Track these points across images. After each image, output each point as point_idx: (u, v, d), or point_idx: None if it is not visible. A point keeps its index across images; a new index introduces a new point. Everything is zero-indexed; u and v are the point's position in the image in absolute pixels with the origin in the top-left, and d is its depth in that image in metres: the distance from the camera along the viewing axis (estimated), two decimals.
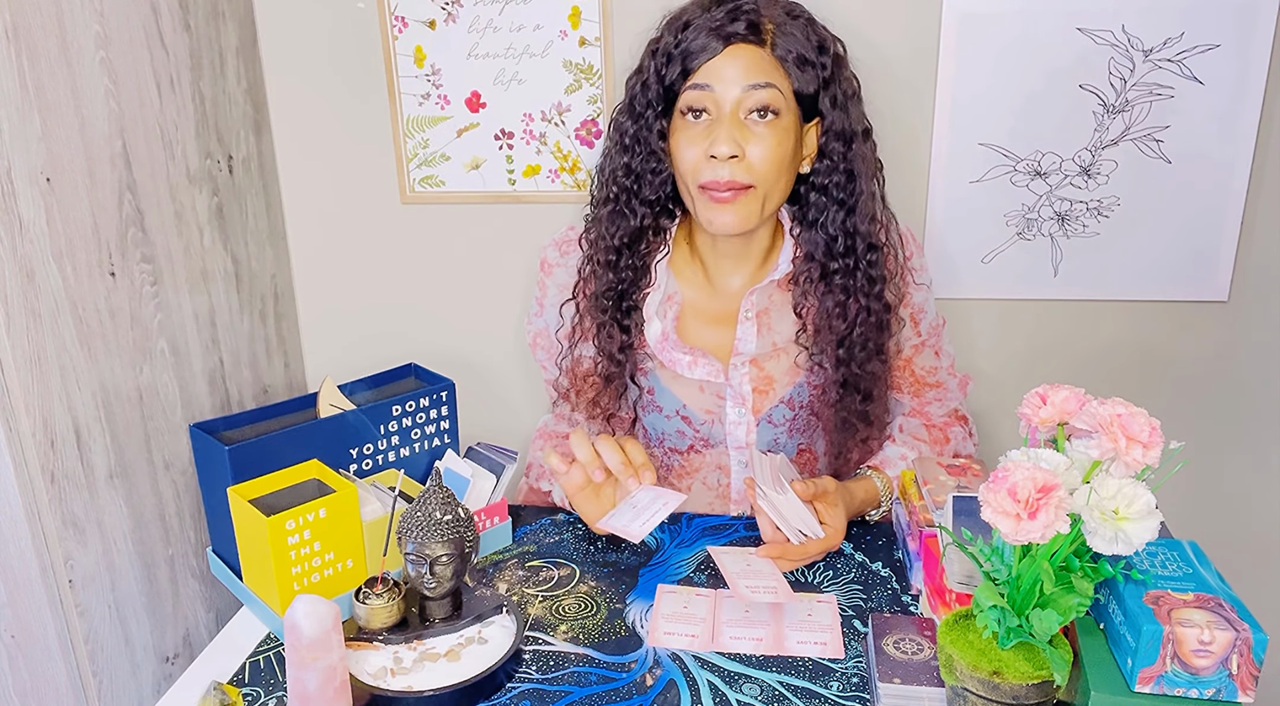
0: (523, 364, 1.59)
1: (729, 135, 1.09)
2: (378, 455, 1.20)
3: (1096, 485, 0.74)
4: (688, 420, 1.26)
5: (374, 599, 0.99)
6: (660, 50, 1.13)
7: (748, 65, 1.09)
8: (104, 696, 1.13)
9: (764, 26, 1.10)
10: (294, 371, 1.61)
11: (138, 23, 1.17)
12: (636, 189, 1.19)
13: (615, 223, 1.20)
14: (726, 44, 1.09)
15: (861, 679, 0.95)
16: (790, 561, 1.08)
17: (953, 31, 1.33)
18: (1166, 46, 1.30)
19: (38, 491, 1.04)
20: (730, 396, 1.24)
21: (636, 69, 1.17)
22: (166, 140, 1.24)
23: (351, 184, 1.52)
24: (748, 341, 1.23)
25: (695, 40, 1.10)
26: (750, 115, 1.10)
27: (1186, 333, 1.44)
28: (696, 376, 1.23)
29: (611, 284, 1.21)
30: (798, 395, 1.25)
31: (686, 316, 1.26)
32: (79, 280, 1.09)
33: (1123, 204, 1.38)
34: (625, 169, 1.18)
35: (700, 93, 1.11)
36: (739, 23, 1.09)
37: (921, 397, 1.31)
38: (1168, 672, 0.77)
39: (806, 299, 1.20)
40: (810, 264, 1.19)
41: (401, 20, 1.41)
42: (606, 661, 0.99)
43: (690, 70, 1.10)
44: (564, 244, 1.29)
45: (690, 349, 1.23)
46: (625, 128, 1.18)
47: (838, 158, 1.14)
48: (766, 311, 1.24)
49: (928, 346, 1.29)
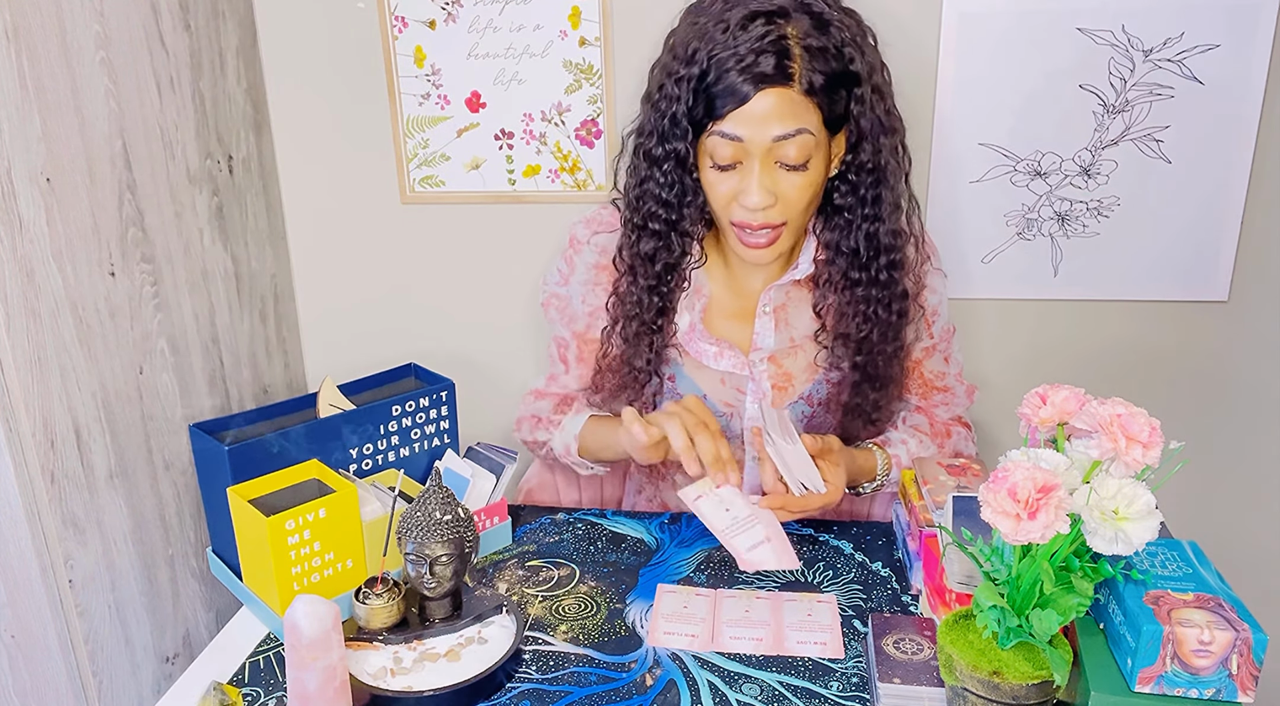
0: (523, 364, 1.59)
1: (761, 186, 1.07)
2: (378, 455, 1.20)
3: (1096, 485, 0.74)
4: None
5: (374, 599, 0.99)
6: (685, 80, 1.07)
7: (778, 111, 1.04)
8: (104, 696, 1.13)
9: (793, 60, 1.03)
10: (294, 371, 1.61)
11: (138, 23, 1.17)
12: (675, 220, 1.16)
13: (654, 251, 1.18)
14: (756, 88, 1.03)
15: (861, 679, 0.95)
16: (789, 513, 1.07)
17: (953, 31, 1.33)
18: (1166, 46, 1.30)
19: (38, 491, 1.04)
20: (751, 391, 1.24)
21: (658, 96, 1.11)
22: (166, 140, 1.24)
23: (351, 184, 1.52)
24: (765, 336, 1.23)
25: (722, 83, 1.04)
26: (780, 162, 1.07)
27: (1186, 333, 1.44)
28: (721, 367, 1.23)
29: (650, 301, 1.21)
30: (816, 392, 1.25)
31: (711, 309, 1.26)
32: (79, 280, 1.09)
33: (1123, 204, 1.38)
34: (659, 201, 1.15)
35: (730, 144, 1.06)
36: (767, 58, 1.02)
37: (929, 401, 1.31)
38: (1168, 672, 0.77)
39: (826, 299, 1.20)
40: (832, 266, 1.18)
41: (401, 20, 1.41)
42: (606, 661, 0.99)
43: (719, 115, 1.06)
44: (594, 221, 1.28)
45: (717, 340, 1.24)
46: (655, 156, 1.13)
47: (866, 158, 1.12)
48: (784, 307, 1.24)
49: (938, 350, 1.29)
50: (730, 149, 1.07)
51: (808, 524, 1.23)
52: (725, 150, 1.07)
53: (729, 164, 1.08)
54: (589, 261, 1.28)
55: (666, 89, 1.10)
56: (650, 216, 1.16)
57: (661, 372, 1.26)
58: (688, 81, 1.07)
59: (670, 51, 1.12)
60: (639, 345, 1.22)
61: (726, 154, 1.08)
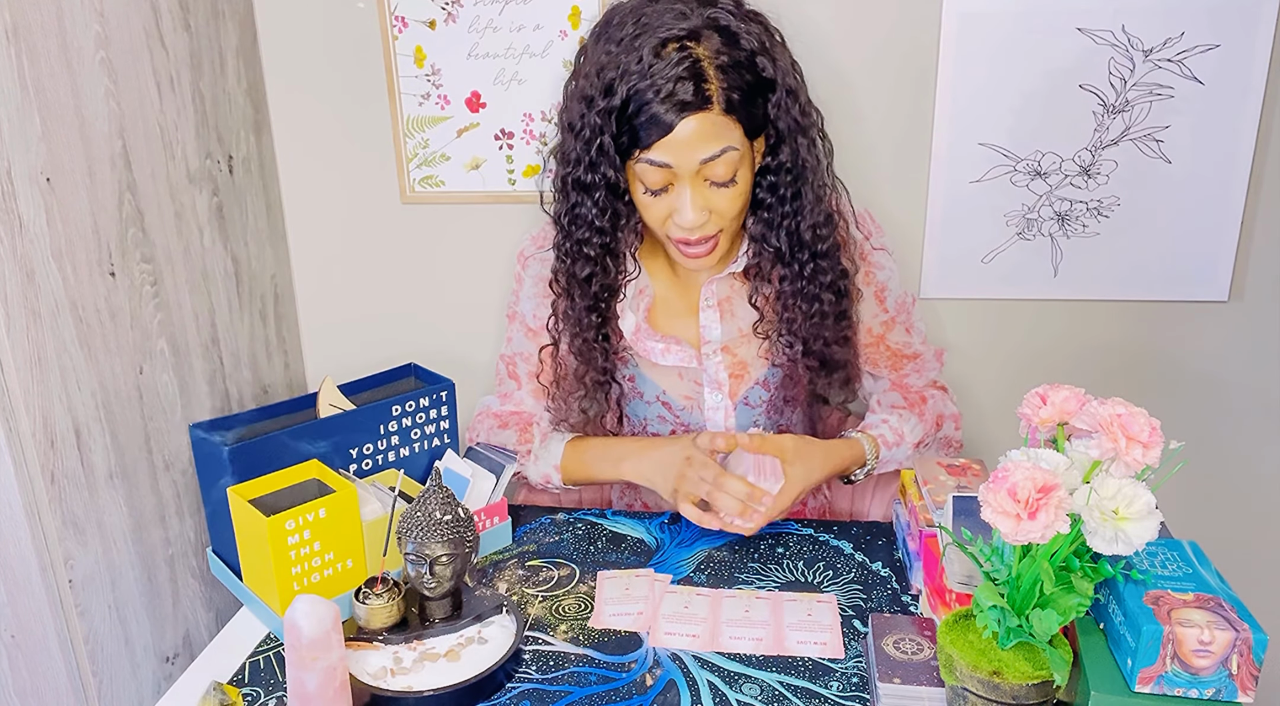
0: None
1: (694, 205, 1.10)
2: (378, 455, 1.20)
3: (1096, 485, 0.74)
4: (668, 406, 1.29)
5: (374, 599, 0.99)
6: (606, 112, 1.08)
7: (702, 134, 1.05)
8: (104, 696, 1.13)
9: (709, 82, 1.04)
10: (294, 371, 1.61)
11: (138, 23, 1.17)
12: (610, 244, 1.19)
13: (590, 274, 1.20)
14: (679, 117, 1.04)
15: (861, 679, 0.95)
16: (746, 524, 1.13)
17: (952, 31, 1.33)
18: (1166, 46, 1.30)
19: (38, 491, 1.04)
20: (707, 382, 1.26)
21: (580, 125, 1.12)
22: (166, 140, 1.24)
23: (351, 184, 1.52)
24: (712, 328, 1.26)
25: (643, 115, 1.05)
26: (709, 180, 1.09)
27: (1186, 333, 1.44)
28: (670, 363, 1.26)
29: (590, 319, 1.22)
30: (771, 376, 1.27)
31: (657, 308, 1.28)
32: (79, 280, 1.09)
33: (1123, 204, 1.38)
34: (593, 228, 1.16)
35: (658, 170, 1.08)
36: (684, 85, 1.03)
37: (900, 371, 1.33)
38: (1168, 672, 0.77)
39: (760, 291, 1.22)
40: (761, 259, 1.20)
41: (401, 20, 1.41)
42: (606, 661, 0.99)
43: (644, 145, 1.07)
44: (539, 238, 1.31)
45: (663, 337, 1.26)
46: (585, 184, 1.14)
47: (785, 159, 1.14)
48: (728, 299, 1.26)
49: (898, 323, 1.31)
50: (659, 175, 1.09)
51: (808, 524, 1.23)
52: (654, 176, 1.10)
53: (659, 187, 1.11)
54: (535, 274, 1.30)
55: (588, 119, 1.11)
56: (583, 242, 1.18)
57: (619, 378, 1.29)
58: (609, 113, 1.08)
59: (585, 78, 1.12)
60: (589, 359, 1.24)
61: (656, 179, 1.10)
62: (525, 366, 1.34)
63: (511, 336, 1.35)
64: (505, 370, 1.36)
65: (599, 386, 1.26)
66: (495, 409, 1.36)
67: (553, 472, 1.28)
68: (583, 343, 1.23)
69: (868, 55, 1.35)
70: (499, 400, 1.37)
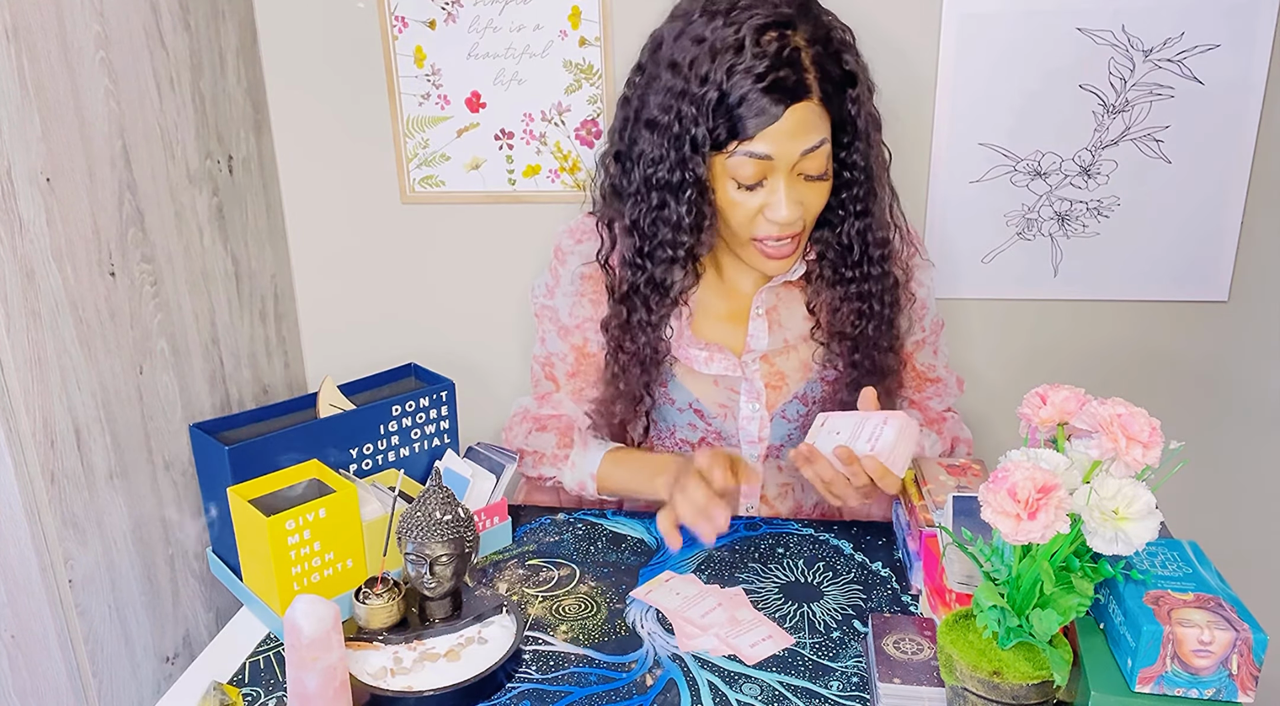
0: (523, 364, 1.59)
1: (790, 200, 1.06)
2: (378, 455, 1.20)
3: (1096, 485, 0.74)
4: (700, 413, 1.27)
5: (374, 599, 0.99)
6: (701, 102, 1.04)
7: (804, 125, 1.03)
8: (104, 696, 1.13)
9: (807, 72, 1.03)
10: (294, 371, 1.61)
11: (138, 23, 1.17)
12: (693, 246, 1.13)
13: (669, 282, 1.16)
14: (785, 106, 1.02)
15: (861, 679, 0.95)
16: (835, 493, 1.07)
17: (953, 31, 1.33)
18: (1166, 46, 1.30)
19: (38, 491, 1.04)
20: (745, 391, 1.24)
21: (667, 119, 1.07)
22: (166, 140, 1.24)
23: (351, 184, 1.52)
24: (759, 338, 1.23)
25: (746, 104, 1.02)
26: (802, 174, 1.07)
27: (1186, 333, 1.44)
28: (713, 371, 1.23)
29: (653, 336, 1.20)
30: (810, 391, 1.25)
31: (699, 314, 1.25)
32: (79, 280, 1.09)
33: (1123, 204, 1.38)
34: (680, 228, 1.11)
35: (756, 163, 1.05)
36: (788, 73, 1.02)
37: (921, 393, 1.32)
38: (1168, 672, 0.77)
39: (820, 296, 1.20)
40: (824, 263, 1.19)
41: (401, 20, 1.41)
42: (606, 661, 0.99)
43: (746, 136, 1.04)
44: (577, 230, 1.27)
45: (706, 344, 1.23)
46: (672, 183, 1.09)
47: (859, 157, 1.12)
48: (775, 308, 1.24)
49: (928, 343, 1.30)
50: (755, 168, 1.06)
51: (808, 524, 1.23)
52: (749, 169, 1.06)
53: (754, 182, 1.07)
54: (574, 271, 1.26)
55: (680, 111, 1.06)
56: (670, 245, 1.13)
57: (655, 392, 1.26)
58: (705, 103, 1.04)
59: (669, 70, 1.08)
60: (644, 367, 1.21)
61: (750, 173, 1.06)
62: (563, 367, 1.30)
63: (544, 336, 1.31)
64: (541, 372, 1.32)
65: (641, 400, 1.24)
66: (534, 412, 1.33)
67: (588, 481, 1.26)
68: (637, 349, 1.20)
69: (867, 55, 1.34)
70: (536, 402, 1.34)
